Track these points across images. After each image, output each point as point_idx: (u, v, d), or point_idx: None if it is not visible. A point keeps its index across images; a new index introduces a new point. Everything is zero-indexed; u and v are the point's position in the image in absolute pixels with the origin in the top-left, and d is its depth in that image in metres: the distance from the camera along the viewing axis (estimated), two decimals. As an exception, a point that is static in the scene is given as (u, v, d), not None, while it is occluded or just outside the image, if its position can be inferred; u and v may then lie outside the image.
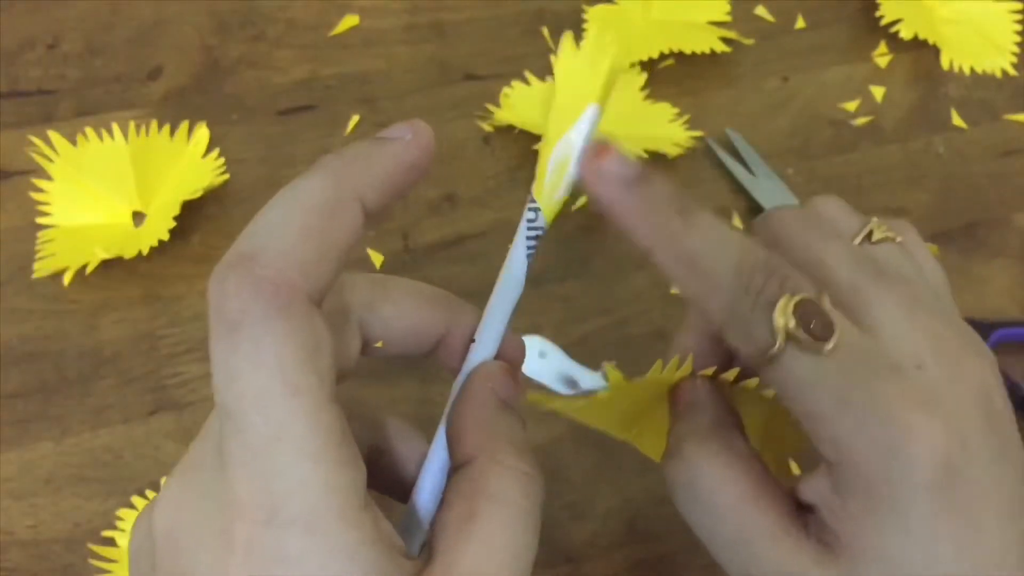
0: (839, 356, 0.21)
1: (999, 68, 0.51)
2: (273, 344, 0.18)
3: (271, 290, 0.18)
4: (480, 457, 0.21)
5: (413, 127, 0.21)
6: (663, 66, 0.49)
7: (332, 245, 0.19)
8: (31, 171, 0.43)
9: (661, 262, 0.23)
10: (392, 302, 0.23)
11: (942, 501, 0.21)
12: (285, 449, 0.18)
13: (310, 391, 0.18)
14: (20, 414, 0.38)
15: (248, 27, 0.49)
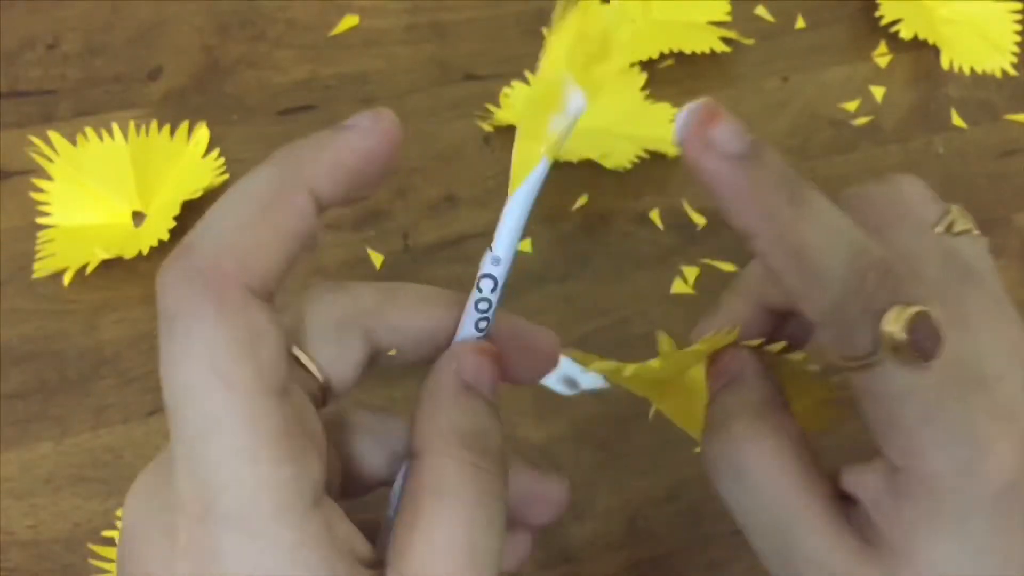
0: (935, 370, 0.20)
1: (999, 68, 0.51)
2: (204, 335, 0.18)
3: (202, 281, 0.18)
4: (427, 449, 0.20)
5: (375, 115, 0.21)
6: (663, 66, 0.49)
7: (275, 235, 0.19)
8: (31, 171, 0.43)
9: (763, 250, 0.21)
10: (400, 307, 0.22)
11: (1003, 517, 0.20)
12: (217, 443, 0.17)
13: (243, 383, 0.18)
14: (20, 414, 0.38)
15: (248, 27, 0.49)
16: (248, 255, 0.18)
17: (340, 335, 0.21)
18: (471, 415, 0.21)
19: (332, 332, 0.21)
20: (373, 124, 0.20)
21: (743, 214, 0.21)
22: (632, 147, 0.45)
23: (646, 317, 0.41)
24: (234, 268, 0.18)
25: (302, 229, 0.19)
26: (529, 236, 0.43)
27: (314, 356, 0.21)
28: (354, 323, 0.22)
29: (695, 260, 0.43)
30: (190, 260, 0.18)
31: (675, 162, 0.46)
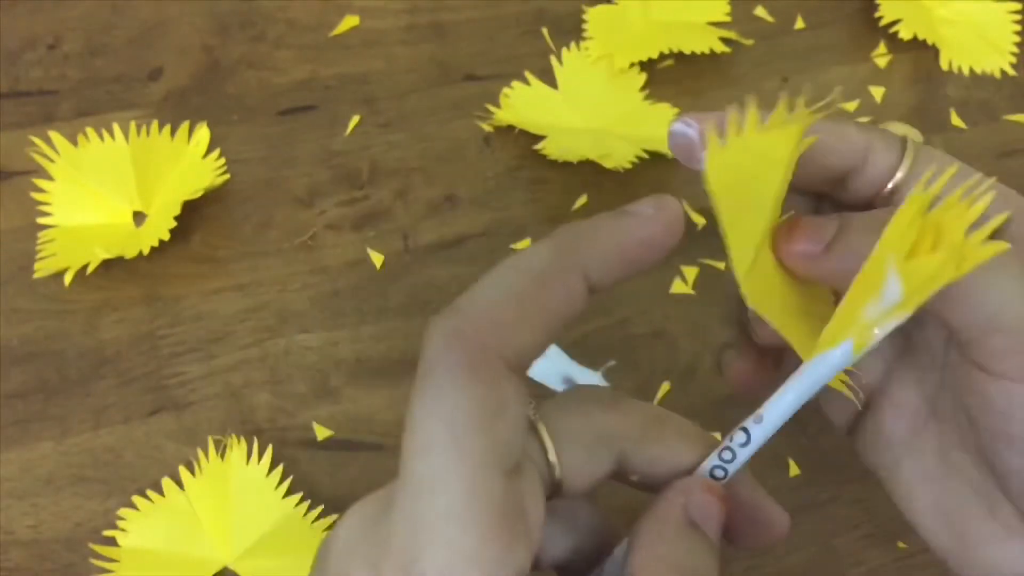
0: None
1: (998, 68, 0.51)
2: (452, 397, 0.18)
3: (462, 345, 0.18)
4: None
5: (659, 203, 0.21)
6: (663, 66, 0.49)
7: (540, 312, 0.19)
8: (32, 171, 0.43)
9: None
10: (663, 443, 0.22)
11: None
12: (435, 502, 0.18)
13: (476, 452, 0.18)
14: (21, 414, 0.38)
15: (248, 28, 0.49)
16: (511, 328, 0.19)
17: (595, 446, 0.21)
18: (693, 553, 0.20)
19: (589, 440, 0.21)
20: (656, 213, 0.21)
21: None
22: (632, 147, 0.45)
23: (646, 317, 0.42)
24: (495, 339, 0.19)
25: (569, 310, 0.20)
26: (529, 236, 0.43)
27: (560, 454, 0.21)
28: (613, 441, 0.22)
29: (695, 260, 0.43)
30: (455, 321, 0.19)
31: (675, 162, 0.46)
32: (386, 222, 0.43)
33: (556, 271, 0.19)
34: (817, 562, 0.37)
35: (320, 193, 0.44)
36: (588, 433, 0.21)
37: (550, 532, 0.23)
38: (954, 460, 0.24)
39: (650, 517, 0.21)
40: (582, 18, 0.50)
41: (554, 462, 0.21)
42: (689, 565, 0.20)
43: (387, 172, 0.45)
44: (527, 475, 0.20)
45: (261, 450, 0.37)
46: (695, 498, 0.21)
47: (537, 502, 0.20)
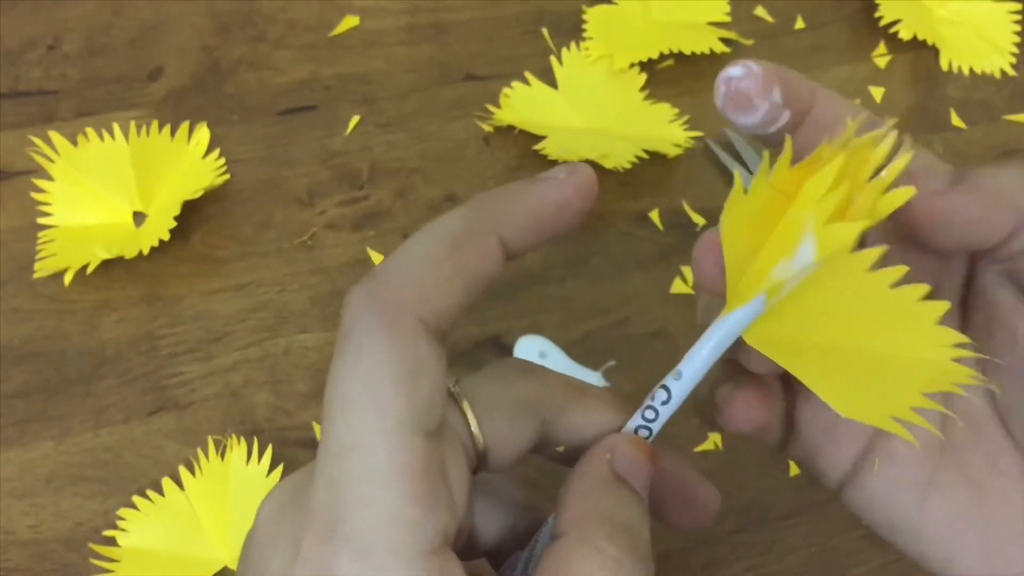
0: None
1: (998, 68, 0.51)
2: (370, 356, 0.18)
3: (380, 306, 0.18)
4: (570, 534, 0.19)
5: (572, 168, 0.21)
6: (662, 67, 0.49)
7: (456, 273, 0.19)
8: (32, 171, 0.43)
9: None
10: (586, 412, 0.22)
11: None
12: (355, 463, 0.18)
13: (395, 411, 0.18)
14: (21, 414, 0.38)
15: (248, 28, 0.49)
16: (428, 289, 0.19)
17: (517, 415, 0.22)
18: (622, 507, 0.20)
19: (511, 409, 0.21)
20: (568, 177, 0.21)
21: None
22: (632, 147, 0.45)
23: (646, 317, 0.42)
24: (412, 299, 0.19)
25: (486, 271, 0.20)
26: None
27: (482, 424, 0.21)
28: (535, 410, 0.22)
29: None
30: (373, 285, 0.19)
31: (675, 162, 0.46)
32: (386, 222, 0.43)
33: (470, 233, 0.20)
34: (817, 562, 0.37)
35: (320, 193, 0.44)
36: (509, 402, 0.21)
37: (481, 511, 0.23)
38: (990, 487, 0.23)
39: (576, 473, 0.21)
40: (582, 18, 0.50)
41: (476, 433, 0.21)
42: (619, 519, 0.20)
43: (387, 172, 0.45)
44: (449, 441, 0.20)
45: (261, 450, 0.37)
46: (621, 451, 0.21)
47: (460, 469, 0.20)
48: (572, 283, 0.42)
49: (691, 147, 0.46)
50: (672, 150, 0.46)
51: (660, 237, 0.44)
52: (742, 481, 0.38)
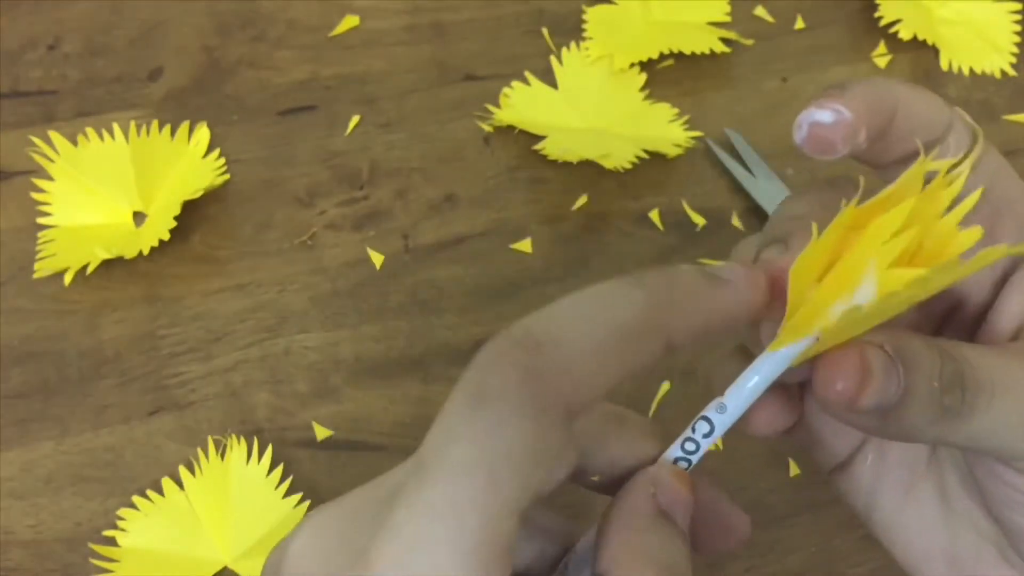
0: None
1: (998, 69, 0.51)
2: (505, 435, 0.17)
3: (539, 387, 0.17)
4: (615, 573, 0.19)
5: (749, 275, 0.20)
6: (663, 66, 0.49)
7: (617, 368, 0.18)
8: (32, 171, 0.43)
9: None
10: (625, 442, 0.21)
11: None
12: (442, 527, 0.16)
13: (507, 495, 0.17)
14: (21, 414, 0.38)
15: (248, 28, 0.49)
16: (587, 380, 0.18)
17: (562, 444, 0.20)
18: (665, 544, 0.19)
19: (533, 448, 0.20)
20: (749, 287, 0.20)
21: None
22: (632, 147, 0.45)
23: (646, 317, 0.41)
24: (570, 389, 0.18)
25: (644, 369, 0.19)
26: (529, 236, 0.43)
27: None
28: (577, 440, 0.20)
29: (695, 260, 0.43)
30: (537, 360, 0.17)
31: (675, 162, 0.46)
32: (386, 222, 0.43)
33: (644, 331, 0.18)
34: (817, 562, 0.37)
35: (320, 193, 0.44)
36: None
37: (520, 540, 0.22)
38: (959, 508, 0.24)
39: (619, 508, 0.20)
40: (582, 18, 0.50)
41: None
42: (664, 558, 0.19)
43: (387, 172, 0.45)
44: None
45: (261, 450, 0.37)
46: (665, 484, 0.20)
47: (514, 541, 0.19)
48: (572, 283, 0.42)
49: (691, 147, 0.46)
50: (672, 150, 0.46)
51: (660, 237, 0.44)
52: (742, 481, 0.38)
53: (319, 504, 0.36)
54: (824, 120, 0.20)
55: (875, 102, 0.21)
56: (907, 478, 0.24)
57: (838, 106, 0.20)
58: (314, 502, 0.36)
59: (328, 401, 0.39)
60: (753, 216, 0.45)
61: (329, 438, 0.38)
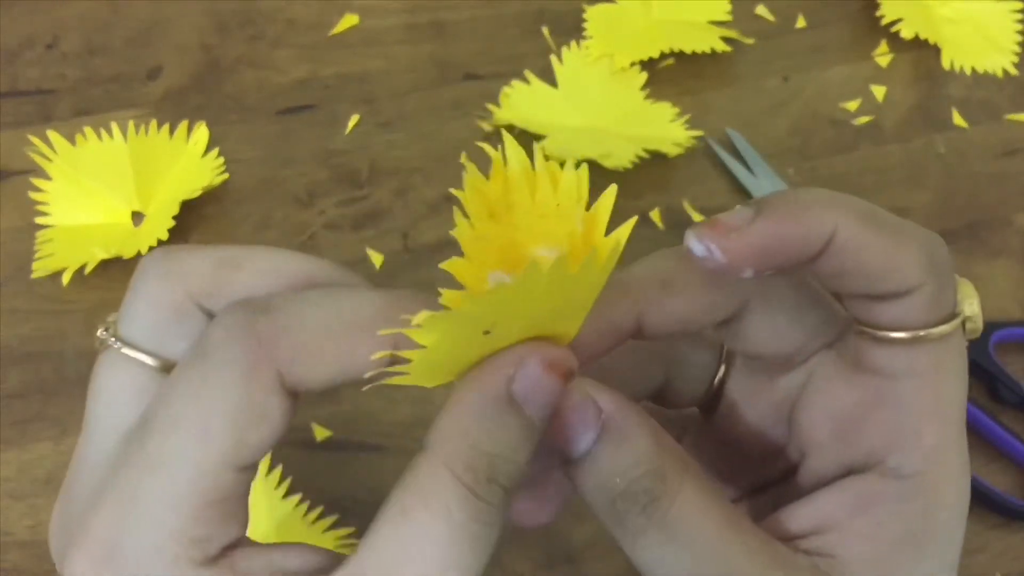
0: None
1: (1000, 68, 0.51)
2: (218, 388, 0.18)
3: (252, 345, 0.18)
4: (434, 450, 0.18)
5: None
6: (663, 66, 0.49)
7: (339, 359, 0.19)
8: (30, 171, 0.43)
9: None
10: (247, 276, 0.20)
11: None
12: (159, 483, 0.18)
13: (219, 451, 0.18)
14: (19, 414, 0.38)
15: (248, 27, 0.49)
16: (305, 357, 0.18)
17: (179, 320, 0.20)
18: (497, 433, 0.18)
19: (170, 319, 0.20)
20: None
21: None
22: (632, 147, 0.45)
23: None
24: (286, 357, 0.18)
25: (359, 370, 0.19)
26: (529, 236, 0.43)
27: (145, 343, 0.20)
28: (190, 304, 0.20)
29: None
30: (256, 318, 0.18)
31: (675, 162, 0.46)
32: (386, 222, 0.43)
33: (370, 329, 0.19)
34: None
35: (319, 193, 0.44)
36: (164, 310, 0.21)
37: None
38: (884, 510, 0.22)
39: (474, 377, 0.19)
40: (582, 17, 0.50)
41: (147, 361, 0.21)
42: (489, 447, 0.18)
43: (387, 171, 0.45)
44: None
45: (260, 451, 0.37)
46: (527, 373, 0.18)
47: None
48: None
49: (692, 146, 0.46)
50: (673, 149, 0.46)
51: (661, 237, 0.44)
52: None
53: (318, 504, 0.36)
54: (695, 252, 0.19)
55: (781, 241, 0.19)
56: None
57: (712, 245, 0.19)
58: (313, 503, 0.36)
59: (327, 401, 0.39)
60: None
61: (328, 438, 0.38)
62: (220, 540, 0.18)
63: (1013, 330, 0.41)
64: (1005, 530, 0.38)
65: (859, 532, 0.20)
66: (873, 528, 0.20)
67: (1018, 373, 0.40)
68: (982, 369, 0.40)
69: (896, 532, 0.20)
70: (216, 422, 0.18)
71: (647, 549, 0.19)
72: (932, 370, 0.20)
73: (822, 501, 0.21)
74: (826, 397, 0.22)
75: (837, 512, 0.21)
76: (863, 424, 0.21)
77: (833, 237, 0.19)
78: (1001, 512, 0.38)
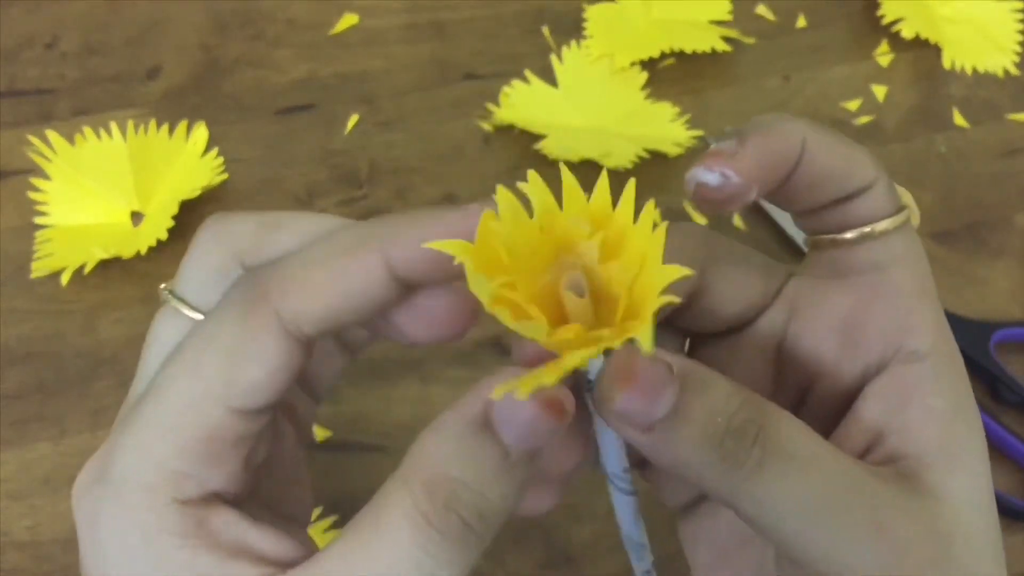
0: None
1: (1001, 67, 0.51)
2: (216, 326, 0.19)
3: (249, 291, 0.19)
4: (403, 471, 0.18)
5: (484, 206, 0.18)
6: (664, 65, 0.49)
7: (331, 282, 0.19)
8: (29, 171, 0.43)
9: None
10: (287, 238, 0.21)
11: None
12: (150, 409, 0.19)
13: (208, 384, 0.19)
14: (18, 414, 0.37)
15: (247, 26, 0.49)
16: (297, 288, 0.19)
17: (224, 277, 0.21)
18: (466, 460, 0.18)
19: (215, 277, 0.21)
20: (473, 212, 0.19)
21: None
22: (633, 146, 0.45)
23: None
24: (277, 293, 0.19)
25: (366, 289, 0.19)
26: (529, 236, 0.43)
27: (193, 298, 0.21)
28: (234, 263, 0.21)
29: (696, 260, 0.43)
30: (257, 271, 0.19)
31: (675, 162, 0.46)
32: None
33: (354, 247, 0.19)
34: None
35: (319, 193, 0.44)
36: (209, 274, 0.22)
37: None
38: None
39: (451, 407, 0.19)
40: (582, 16, 0.50)
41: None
42: (456, 473, 0.17)
43: (386, 171, 0.45)
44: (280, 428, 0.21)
45: (259, 451, 0.37)
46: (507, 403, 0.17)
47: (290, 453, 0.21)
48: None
49: (693, 146, 0.46)
50: (673, 149, 0.46)
51: (661, 237, 0.44)
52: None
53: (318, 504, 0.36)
54: (710, 182, 0.20)
55: (771, 155, 0.20)
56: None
57: (726, 169, 0.19)
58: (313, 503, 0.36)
59: (327, 401, 0.39)
60: (755, 215, 0.45)
61: (328, 439, 0.38)
62: (201, 483, 0.19)
63: (1014, 330, 0.41)
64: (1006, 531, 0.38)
65: (916, 423, 0.20)
66: (926, 414, 0.20)
67: (1019, 373, 0.40)
68: (982, 369, 0.40)
69: (947, 406, 0.20)
70: (208, 358, 0.19)
71: (771, 482, 0.18)
72: (909, 253, 0.21)
73: (863, 415, 0.21)
74: (822, 312, 0.22)
75: (884, 417, 0.21)
76: (868, 321, 0.21)
77: (804, 146, 0.20)
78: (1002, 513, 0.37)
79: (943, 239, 0.44)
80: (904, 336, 0.21)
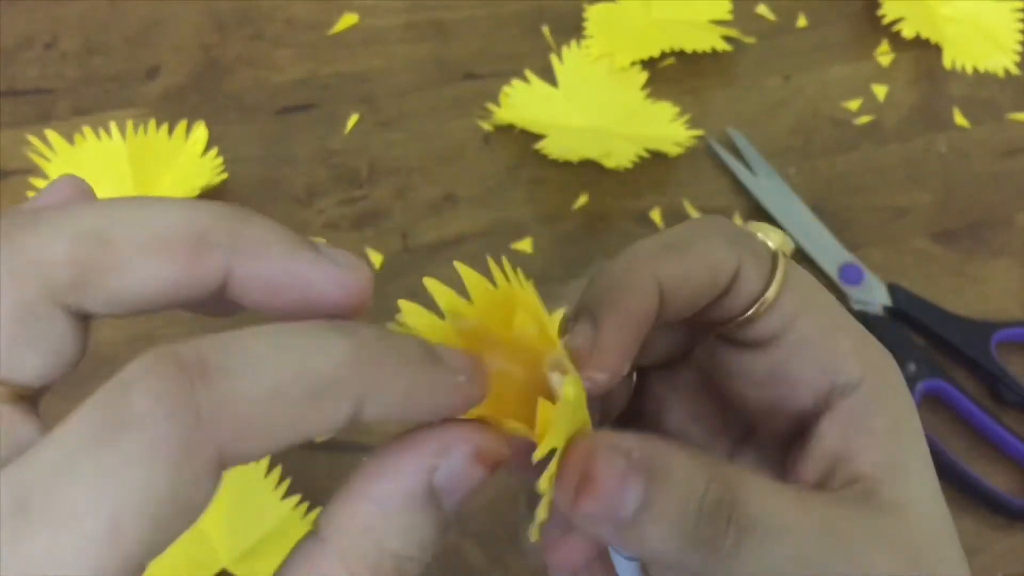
0: None
1: (1002, 67, 0.51)
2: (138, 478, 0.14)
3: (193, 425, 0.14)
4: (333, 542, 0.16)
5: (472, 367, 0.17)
6: (664, 65, 0.49)
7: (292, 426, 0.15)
8: (29, 170, 0.43)
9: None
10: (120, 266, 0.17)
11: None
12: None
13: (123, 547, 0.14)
14: (17, 415, 0.37)
15: (247, 26, 0.49)
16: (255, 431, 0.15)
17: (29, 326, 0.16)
18: (411, 535, 0.16)
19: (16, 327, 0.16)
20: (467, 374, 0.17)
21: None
22: (633, 146, 0.45)
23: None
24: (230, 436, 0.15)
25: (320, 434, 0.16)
26: (529, 236, 0.43)
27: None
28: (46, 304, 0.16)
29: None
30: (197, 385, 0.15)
31: (675, 161, 0.46)
32: (385, 221, 0.43)
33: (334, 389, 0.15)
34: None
35: (319, 192, 0.44)
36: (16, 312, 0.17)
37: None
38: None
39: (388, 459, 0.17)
40: (583, 16, 0.50)
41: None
42: (396, 548, 0.16)
43: (386, 171, 0.45)
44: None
45: (259, 451, 0.36)
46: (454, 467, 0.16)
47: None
48: (573, 283, 0.42)
49: (692, 146, 0.46)
50: (673, 149, 0.45)
51: (661, 237, 0.44)
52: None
53: (318, 504, 0.36)
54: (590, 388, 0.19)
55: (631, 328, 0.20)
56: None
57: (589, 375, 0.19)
58: (313, 503, 0.36)
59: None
60: (755, 215, 0.44)
61: (328, 439, 0.38)
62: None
63: (1014, 330, 0.41)
64: (1007, 531, 0.38)
65: (863, 446, 0.21)
66: (870, 436, 0.21)
67: (1019, 373, 0.40)
68: (983, 369, 0.40)
69: (887, 424, 0.21)
70: (131, 519, 0.14)
71: (750, 560, 0.18)
72: (806, 298, 0.21)
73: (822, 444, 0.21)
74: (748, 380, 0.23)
75: (840, 443, 0.21)
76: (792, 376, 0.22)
77: (662, 293, 0.20)
78: (1003, 513, 0.37)
79: (943, 239, 0.44)
80: (834, 376, 0.21)
